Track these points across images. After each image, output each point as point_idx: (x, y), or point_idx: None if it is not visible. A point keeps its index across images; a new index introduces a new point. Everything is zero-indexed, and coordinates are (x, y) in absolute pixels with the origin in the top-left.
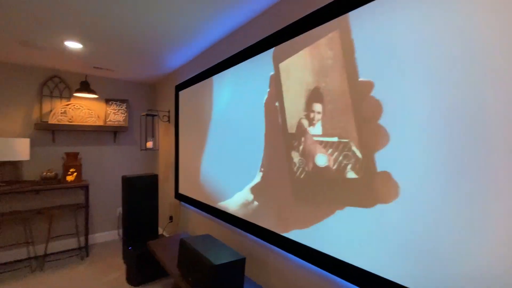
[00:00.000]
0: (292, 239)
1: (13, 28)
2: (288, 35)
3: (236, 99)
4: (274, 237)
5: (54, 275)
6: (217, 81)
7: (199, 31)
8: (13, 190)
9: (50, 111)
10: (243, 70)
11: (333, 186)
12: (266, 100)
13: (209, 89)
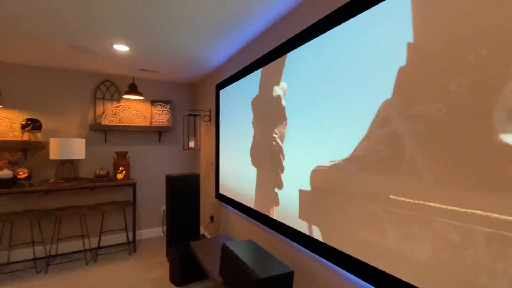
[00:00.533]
0: (352, 255)
1: (67, 34)
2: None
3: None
4: (327, 251)
5: (105, 268)
6: (262, 76)
7: (238, 26)
8: (72, 187)
9: (103, 113)
10: (291, 63)
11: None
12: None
13: (252, 85)
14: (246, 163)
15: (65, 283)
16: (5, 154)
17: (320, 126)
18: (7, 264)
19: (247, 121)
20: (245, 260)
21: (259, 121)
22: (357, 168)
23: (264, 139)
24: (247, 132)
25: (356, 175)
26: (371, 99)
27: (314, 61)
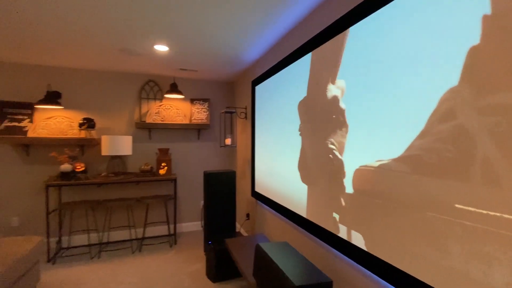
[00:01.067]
0: (403, 270)
1: (115, 39)
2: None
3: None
4: (373, 261)
5: (148, 258)
6: (311, 75)
7: (271, 20)
8: (120, 181)
9: (147, 111)
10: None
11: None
12: None
13: (289, 79)
14: (283, 163)
15: (115, 269)
16: (65, 149)
17: (379, 123)
18: (67, 248)
19: (285, 118)
20: (280, 265)
21: (309, 129)
22: (411, 170)
23: (316, 150)
24: (285, 130)
25: (409, 178)
26: (430, 87)
27: (373, 46)
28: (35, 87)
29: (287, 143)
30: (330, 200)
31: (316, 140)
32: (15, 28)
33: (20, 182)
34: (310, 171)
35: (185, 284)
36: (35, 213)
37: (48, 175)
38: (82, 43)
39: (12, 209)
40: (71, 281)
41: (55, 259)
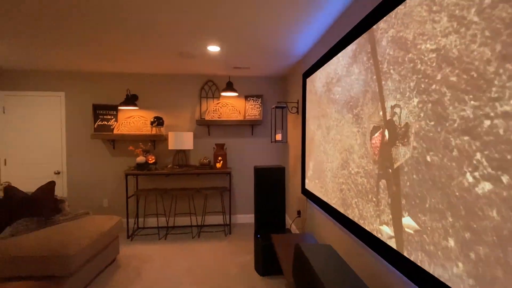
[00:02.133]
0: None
1: (175, 44)
2: None
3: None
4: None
5: (205, 244)
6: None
7: (319, 5)
8: (184, 172)
9: (206, 109)
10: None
11: None
12: None
13: (339, 66)
14: (334, 160)
15: (177, 251)
16: (140, 144)
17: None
18: (142, 228)
19: (338, 112)
20: (317, 269)
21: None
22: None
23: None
24: (335, 124)
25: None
26: None
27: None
28: (118, 91)
29: (339, 139)
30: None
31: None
32: (104, 45)
33: (109, 171)
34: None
35: (233, 273)
36: (119, 197)
37: (128, 165)
38: (148, 50)
39: (103, 193)
40: (143, 256)
41: (133, 236)
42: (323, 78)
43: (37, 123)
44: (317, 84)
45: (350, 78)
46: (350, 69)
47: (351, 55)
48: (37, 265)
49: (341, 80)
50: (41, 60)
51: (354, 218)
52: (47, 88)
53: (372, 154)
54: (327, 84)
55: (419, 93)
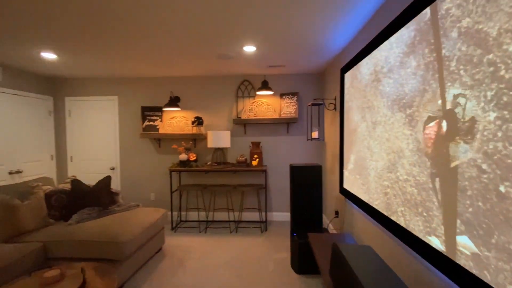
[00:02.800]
0: None
1: (212, 47)
2: None
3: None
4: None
5: (242, 239)
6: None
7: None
8: (222, 169)
9: (242, 109)
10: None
11: None
12: None
13: (391, 54)
14: (376, 159)
15: (215, 244)
16: (182, 142)
17: None
18: (185, 221)
19: (386, 106)
20: (357, 271)
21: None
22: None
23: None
24: (383, 121)
25: None
26: None
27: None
28: (163, 94)
29: (387, 138)
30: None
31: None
32: (150, 53)
33: (155, 167)
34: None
35: (270, 269)
36: (164, 191)
37: (172, 162)
38: (189, 54)
39: (151, 187)
40: (185, 247)
41: (176, 228)
42: (371, 65)
43: (96, 124)
44: (363, 71)
45: (405, 71)
46: (405, 60)
47: (409, 43)
48: (97, 249)
49: (393, 71)
50: (98, 69)
51: (400, 223)
52: (103, 93)
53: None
54: (375, 73)
55: (498, 108)
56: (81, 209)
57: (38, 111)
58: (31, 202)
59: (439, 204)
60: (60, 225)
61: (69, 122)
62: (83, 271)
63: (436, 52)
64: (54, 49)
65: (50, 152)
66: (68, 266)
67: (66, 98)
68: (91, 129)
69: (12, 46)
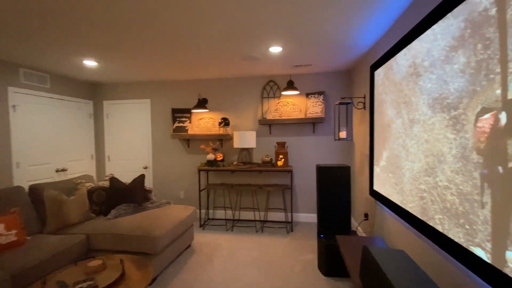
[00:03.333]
0: None
1: (239, 49)
2: None
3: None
4: None
5: (268, 239)
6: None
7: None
8: (247, 169)
9: (268, 109)
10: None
11: None
12: None
13: (435, 47)
14: (410, 160)
15: (242, 242)
16: (210, 143)
17: None
18: (212, 219)
19: (426, 104)
20: (390, 275)
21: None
22: None
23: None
24: (422, 120)
25: None
26: None
27: None
28: (191, 96)
29: (426, 139)
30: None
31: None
32: (180, 58)
33: (184, 166)
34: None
35: (296, 269)
36: (193, 190)
37: (200, 162)
38: (216, 57)
39: (180, 185)
40: (213, 244)
41: (204, 226)
42: (409, 56)
43: (130, 126)
44: (400, 62)
45: (451, 67)
46: (452, 55)
47: (457, 36)
48: (133, 242)
49: (436, 65)
50: (133, 74)
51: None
52: (137, 97)
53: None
54: (414, 66)
55: None
56: (118, 205)
57: (80, 114)
58: (76, 197)
59: (485, 218)
60: (100, 219)
61: (107, 124)
62: (122, 263)
63: (501, 49)
64: (95, 56)
65: (90, 152)
66: (108, 257)
67: (104, 102)
68: (126, 131)
69: (59, 56)
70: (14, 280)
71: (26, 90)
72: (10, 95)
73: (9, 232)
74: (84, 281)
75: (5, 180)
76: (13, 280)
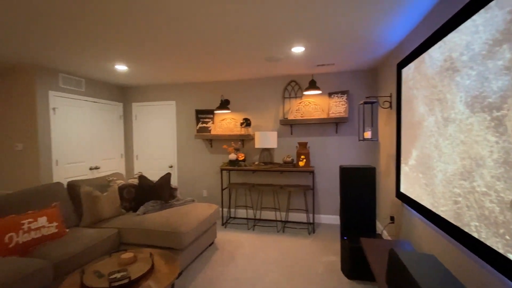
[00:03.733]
0: None
1: (261, 50)
2: None
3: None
4: None
5: (289, 239)
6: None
7: None
8: (268, 169)
9: (289, 109)
10: None
11: None
12: None
13: (475, 40)
14: (449, 162)
15: (263, 242)
16: (232, 143)
17: None
18: (234, 218)
19: (464, 102)
20: (420, 281)
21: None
22: None
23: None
24: (458, 119)
25: None
26: None
27: None
28: (214, 97)
29: (462, 141)
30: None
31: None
32: (203, 61)
33: (207, 166)
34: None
35: (319, 271)
36: (215, 189)
37: (222, 161)
38: (239, 59)
39: (203, 184)
40: (235, 242)
41: (226, 224)
42: (445, 49)
43: (157, 127)
44: (434, 55)
45: (495, 63)
46: (495, 50)
47: (502, 29)
48: (160, 237)
49: (476, 60)
50: (160, 77)
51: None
52: (163, 98)
53: None
54: (451, 60)
55: None
56: (146, 202)
57: (111, 116)
58: (108, 194)
59: None
60: (130, 215)
61: (135, 125)
62: (152, 256)
63: None
64: (126, 61)
65: (120, 151)
66: (138, 250)
67: (133, 104)
68: (153, 131)
69: (94, 62)
70: (56, 269)
71: (64, 93)
72: (51, 98)
73: (51, 224)
74: (118, 271)
75: (46, 176)
76: (55, 268)
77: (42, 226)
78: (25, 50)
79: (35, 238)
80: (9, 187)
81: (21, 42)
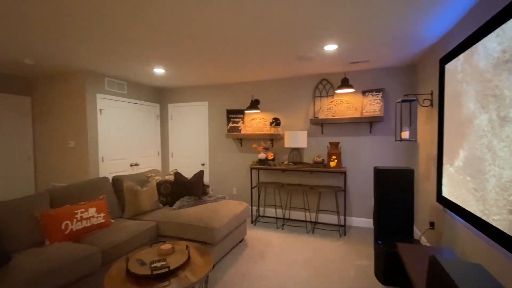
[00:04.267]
0: None
1: (292, 49)
2: None
3: None
4: None
5: (320, 241)
6: None
7: None
8: (298, 169)
9: (320, 108)
10: None
11: None
12: None
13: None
14: (505, 167)
15: (292, 241)
16: (261, 142)
17: None
18: (263, 216)
19: (508, 100)
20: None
21: None
22: None
23: None
24: (510, 118)
25: None
26: None
27: None
28: (244, 97)
29: (508, 138)
30: None
31: None
32: (235, 62)
33: (237, 164)
34: None
35: (351, 274)
36: (245, 187)
37: (252, 160)
38: (270, 59)
39: (234, 182)
40: (264, 240)
41: (255, 222)
42: (504, 38)
43: (190, 126)
44: (490, 45)
45: None
46: None
47: None
48: (194, 231)
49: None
50: (194, 79)
51: None
52: (196, 99)
53: None
54: (511, 51)
55: None
56: (181, 197)
57: (149, 116)
58: (148, 189)
59: None
60: (166, 209)
61: (171, 124)
62: (188, 249)
63: None
64: (163, 65)
65: (157, 149)
66: (175, 242)
67: (169, 105)
68: (187, 130)
69: (135, 66)
70: (104, 255)
71: (109, 96)
72: (98, 100)
73: (99, 214)
74: (158, 261)
75: (93, 171)
76: (103, 254)
77: (92, 216)
78: (77, 57)
79: (86, 226)
80: (63, 180)
81: (73, 51)
